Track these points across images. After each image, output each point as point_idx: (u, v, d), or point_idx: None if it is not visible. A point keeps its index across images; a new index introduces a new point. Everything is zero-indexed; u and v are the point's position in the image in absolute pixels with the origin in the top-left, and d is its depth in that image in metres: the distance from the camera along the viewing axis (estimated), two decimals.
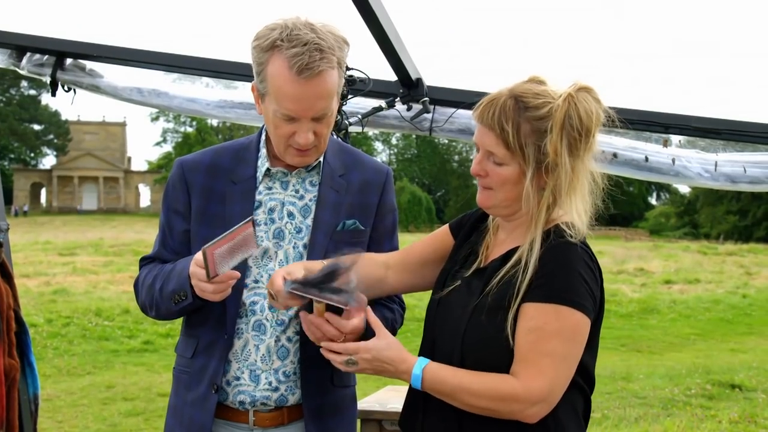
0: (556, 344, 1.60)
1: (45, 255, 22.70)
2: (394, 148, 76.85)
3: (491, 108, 1.69)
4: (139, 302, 2.08)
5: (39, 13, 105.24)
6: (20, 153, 73.89)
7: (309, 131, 1.86)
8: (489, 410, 1.63)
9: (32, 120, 70.54)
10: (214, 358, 1.96)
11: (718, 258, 27.92)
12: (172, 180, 2.05)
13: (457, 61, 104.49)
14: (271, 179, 2.00)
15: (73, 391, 8.95)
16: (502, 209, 1.76)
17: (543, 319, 1.60)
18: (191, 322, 2.04)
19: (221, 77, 3.14)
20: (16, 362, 2.63)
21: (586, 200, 1.70)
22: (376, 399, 3.74)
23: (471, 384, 1.63)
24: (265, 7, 50.51)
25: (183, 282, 1.86)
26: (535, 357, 1.60)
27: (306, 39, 1.77)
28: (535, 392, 1.59)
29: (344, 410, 2.08)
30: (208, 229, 1.96)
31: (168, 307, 1.94)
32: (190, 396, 1.99)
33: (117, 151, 74.83)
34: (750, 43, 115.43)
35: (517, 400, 1.60)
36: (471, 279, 1.76)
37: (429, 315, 1.84)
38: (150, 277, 2.00)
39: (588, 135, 1.66)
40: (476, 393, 1.62)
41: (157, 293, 1.95)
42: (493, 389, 1.62)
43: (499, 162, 1.70)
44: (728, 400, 8.91)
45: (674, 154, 2.91)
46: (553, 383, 1.61)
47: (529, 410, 1.60)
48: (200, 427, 1.95)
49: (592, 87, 1.69)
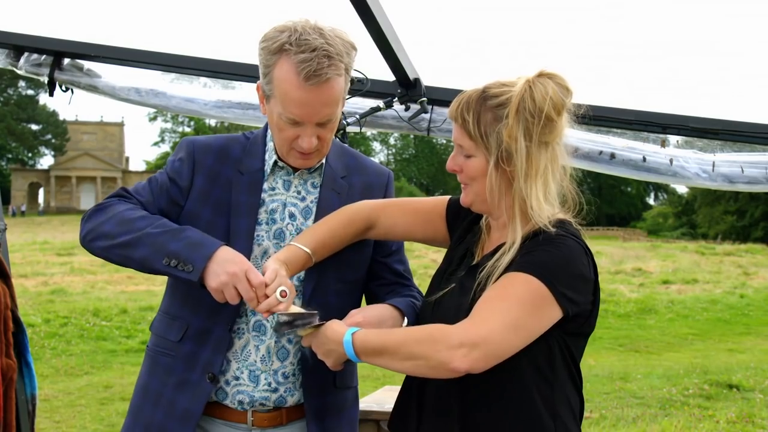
0: (509, 305, 1.55)
1: (42, 255, 22.66)
2: (392, 148, 76.97)
3: (458, 101, 1.72)
4: (92, 227, 1.88)
5: (37, 13, 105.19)
6: (18, 153, 73.81)
7: (313, 136, 1.86)
8: (415, 357, 1.56)
9: (30, 120, 70.47)
10: (206, 346, 1.93)
11: (715, 258, 27.95)
12: (179, 154, 2.01)
13: (455, 61, 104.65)
14: (275, 177, 2.00)
15: (71, 391, 8.95)
16: (480, 204, 1.75)
17: (508, 282, 1.58)
18: (178, 304, 1.98)
19: (219, 77, 3.14)
20: (13, 362, 2.62)
21: (550, 186, 1.67)
22: (374, 399, 3.75)
23: (398, 333, 1.65)
24: (264, 7, 50.40)
25: (195, 256, 1.76)
26: (482, 311, 1.56)
27: (315, 45, 1.76)
28: (467, 334, 1.52)
29: (346, 411, 2.07)
30: (212, 214, 1.95)
31: (147, 257, 1.80)
32: (172, 379, 1.94)
33: (115, 151, 74.75)
34: (749, 43, 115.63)
35: (442, 340, 1.53)
36: (464, 279, 1.76)
37: (424, 317, 1.82)
38: (134, 214, 1.87)
39: (543, 118, 1.62)
40: (402, 340, 1.60)
41: (144, 236, 1.81)
42: (419, 330, 1.60)
43: (467, 154, 1.71)
44: (726, 400, 8.92)
45: (672, 154, 2.91)
46: (492, 334, 1.52)
47: (456, 352, 1.51)
48: (185, 412, 1.91)
49: (556, 73, 1.67)
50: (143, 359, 2.07)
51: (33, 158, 75.83)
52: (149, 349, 2.04)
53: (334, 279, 1.98)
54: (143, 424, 1.97)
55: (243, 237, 1.93)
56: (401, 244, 2.14)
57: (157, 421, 1.94)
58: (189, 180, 1.97)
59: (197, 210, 1.96)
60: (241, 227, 1.94)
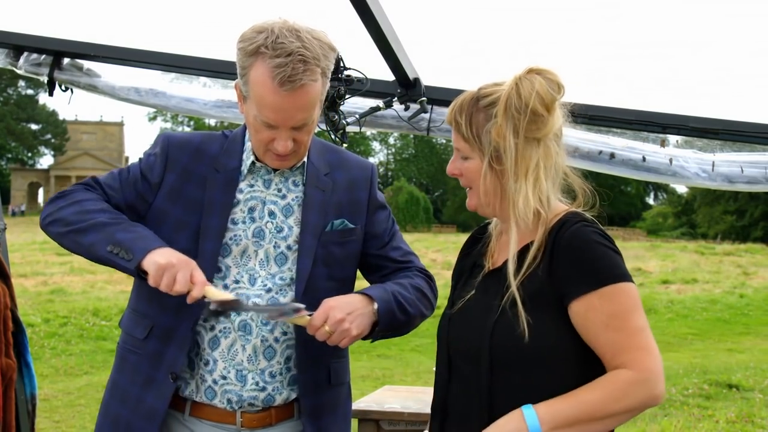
0: (637, 318, 1.55)
1: (42, 255, 22.63)
2: (391, 148, 76.91)
3: (452, 106, 1.72)
4: (51, 212, 1.92)
5: (36, 13, 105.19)
6: (17, 153, 73.76)
7: (288, 139, 1.86)
8: (622, 413, 1.53)
9: (30, 120, 70.43)
10: (171, 345, 1.92)
11: (715, 258, 27.91)
12: (155, 149, 2.02)
13: (455, 61, 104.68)
14: (254, 176, 1.99)
15: (71, 391, 8.94)
16: (486, 208, 1.73)
17: (611, 304, 1.54)
18: (145, 301, 1.98)
19: (219, 77, 3.14)
20: (13, 362, 2.62)
21: (542, 183, 1.64)
22: (373, 399, 3.75)
23: (590, 399, 1.52)
24: (263, 7, 50.57)
25: (138, 246, 1.79)
26: (629, 340, 1.53)
27: (290, 49, 1.75)
28: (652, 368, 1.52)
29: (340, 407, 2.08)
30: (182, 212, 1.95)
31: (94, 243, 1.82)
32: (139, 377, 1.94)
33: (115, 151, 74.75)
34: (749, 42, 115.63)
35: (643, 385, 1.51)
36: (485, 282, 1.72)
37: (448, 329, 1.75)
38: (94, 206, 1.90)
39: (528, 113, 1.61)
40: (600, 402, 1.51)
41: (97, 224, 1.85)
42: (615, 389, 1.51)
43: (464, 156, 1.71)
44: (725, 399, 8.92)
45: (672, 154, 2.91)
46: (656, 353, 1.54)
47: (656, 390, 1.52)
48: (150, 410, 1.92)
49: (546, 69, 1.65)
50: (114, 355, 2.07)
51: (33, 158, 75.80)
52: (119, 346, 2.05)
53: (323, 278, 1.97)
54: (111, 420, 1.99)
55: (212, 236, 1.93)
56: (395, 233, 2.14)
57: (124, 417, 1.96)
58: (160, 176, 1.97)
59: (166, 208, 1.96)
60: (211, 226, 1.93)
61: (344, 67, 2.58)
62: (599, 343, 1.55)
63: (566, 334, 1.58)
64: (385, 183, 62.27)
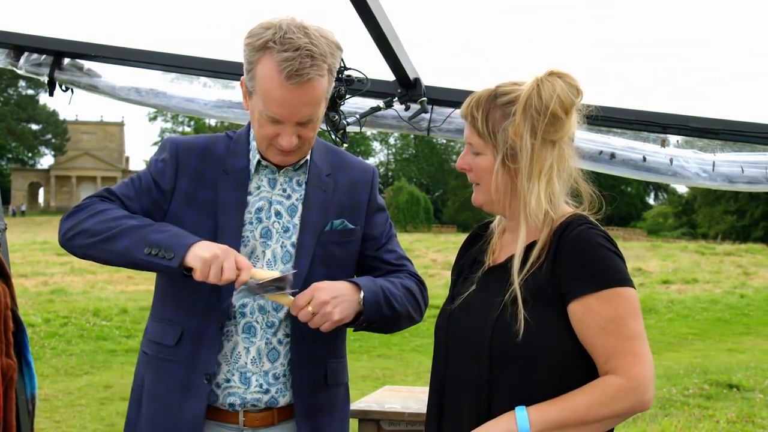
0: (633, 324, 1.56)
1: (43, 255, 22.64)
2: (392, 148, 76.90)
3: (469, 100, 1.73)
4: (72, 225, 1.91)
5: (37, 13, 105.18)
6: (18, 153, 73.79)
7: (293, 135, 1.86)
8: (610, 417, 1.54)
9: (30, 120, 70.45)
10: (203, 347, 1.93)
11: (715, 258, 27.89)
12: (162, 155, 2.01)
13: (455, 61, 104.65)
14: (260, 176, 2.00)
15: (71, 391, 8.94)
16: (491, 204, 1.74)
17: (609, 308, 1.55)
18: (171, 308, 1.98)
19: (219, 77, 3.14)
20: (13, 362, 2.62)
21: (554, 185, 1.65)
22: (373, 399, 3.74)
23: (578, 403, 1.53)
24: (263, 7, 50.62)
25: (176, 243, 1.79)
26: (622, 345, 1.54)
27: (298, 44, 1.76)
28: (642, 376, 1.53)
29: (338, 408, 2.08)
30: (198, 215, 1.95)
31: (129, 247, 1.82)
32: (178, 384, 1.94)
33: (115, 151, 74.75)
34: (749, 42, 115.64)
35: (631, 392, 1.52)
36: (486, 278, 1.73)
37: (448, 323, 1.75)
38: (116, 213, 1.89)
39: (549, 115, 1.62)
40: (588, 407, 1.53)
41: (127, 228, 1.84)
42: (602, 394, 1.53)
43: (476, 152, 1.71)
44: (726, 400, 8.91)
45: (672, 154, 2.91)
46: (648, 360, 1.55)
47: (645, 396, 1.53)
48: (194, 416, 1.92)
49: (566, 73, 1.67)
50: (143, 365, 2.05)
51: (33, 158, 75.84)
52: (149, 356, 2.02)
53: (322, 277, 1.97)
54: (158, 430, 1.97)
55: (231, 234, 1.93)
56: (391, 236, 2.15)
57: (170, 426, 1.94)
58: (172, 182, 1.97)
59: (182, 212, 1.96)
60: (228, 224, 1.94)
61: (344, 67, 2.58)
62: (594, 345, 1.57)
63: (567, 333, 1.59)
64: (386, 183, 62.27)
